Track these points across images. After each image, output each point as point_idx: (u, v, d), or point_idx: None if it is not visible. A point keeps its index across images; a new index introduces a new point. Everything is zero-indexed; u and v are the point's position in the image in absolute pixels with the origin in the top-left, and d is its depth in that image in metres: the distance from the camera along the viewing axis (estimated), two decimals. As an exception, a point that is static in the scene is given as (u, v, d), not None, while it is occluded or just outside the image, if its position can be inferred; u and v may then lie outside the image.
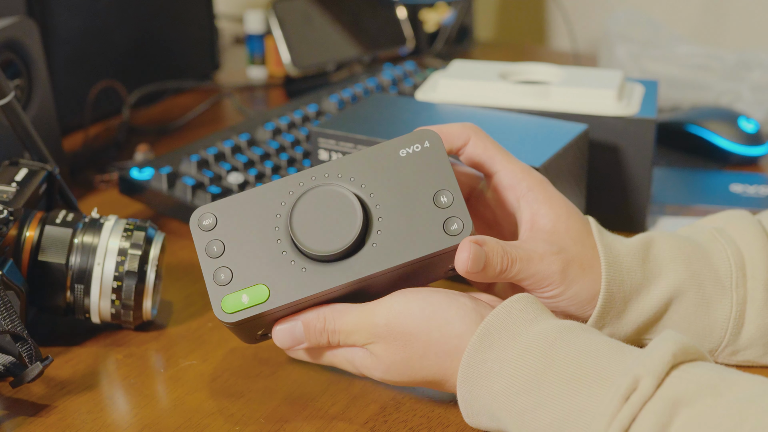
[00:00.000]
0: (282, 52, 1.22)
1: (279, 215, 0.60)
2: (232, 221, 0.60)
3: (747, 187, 0.98)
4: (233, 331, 0.61)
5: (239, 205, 0.61)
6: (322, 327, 0.60)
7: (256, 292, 0.59)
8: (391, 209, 0.59)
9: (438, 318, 0.58)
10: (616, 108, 0.84)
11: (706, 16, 1.52)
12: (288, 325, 0.60)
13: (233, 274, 0.59)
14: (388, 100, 0.89)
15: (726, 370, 0.52)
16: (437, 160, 0.61)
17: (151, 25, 1.24)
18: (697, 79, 1.18)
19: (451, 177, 0.60)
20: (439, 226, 0.59)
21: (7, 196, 0.69)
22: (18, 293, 0.65)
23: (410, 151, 0.61)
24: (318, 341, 0.60)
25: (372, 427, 0.62)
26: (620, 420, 0.50)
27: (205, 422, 0.62)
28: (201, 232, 0.60)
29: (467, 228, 0.59)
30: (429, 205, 0.59)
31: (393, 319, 0.58)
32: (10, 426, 0.62)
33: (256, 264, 0.59)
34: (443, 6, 1.42)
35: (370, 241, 0.59)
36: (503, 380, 0.55)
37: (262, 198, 0.61)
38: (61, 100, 1.06)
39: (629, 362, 0.52)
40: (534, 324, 0.57)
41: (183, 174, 0.91)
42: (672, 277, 0.64)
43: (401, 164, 0.60)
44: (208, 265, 0.60)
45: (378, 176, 0.60)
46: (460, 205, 0.60)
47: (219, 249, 0.60)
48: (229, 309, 0.59)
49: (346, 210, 0.59)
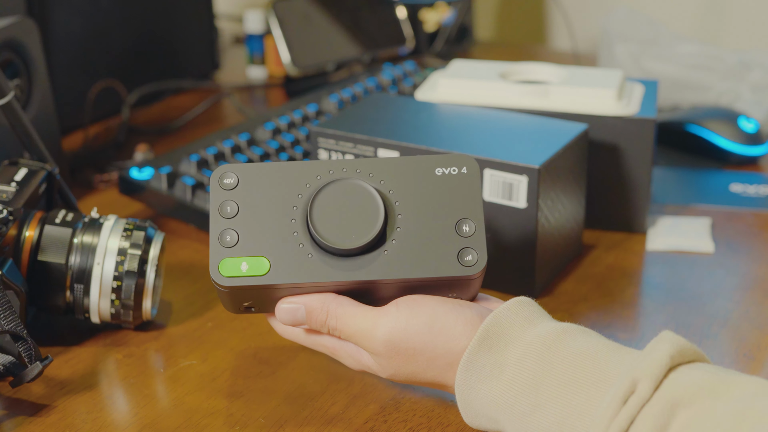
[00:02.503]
0: (282, 52, 1.22)
1: (300, 196, 0.59)
2: (252, 188, 0.59)
3: (747, 186, 0.98)
4: (221, 295, 0.60)
5: (264, 174, 0.60)
6: (323, 320, 0.60)
7: (257, 263, 0.58)
8: (412, 222, 0.59)
9: (444, 334, 0.58)
10: (616, 108, 0.84)
11: (706, 16, 1.52)
12: (291, 306, 0.60)
13: (239, 238, 0.58)
14: (388, 100, 0.89)
15: (723, 371, 0.52)
16: (470, 189, 0.60)
17: (151, 25, 1.24)
18: (697, 79, 1.18)
19: (479, 209, 0.60)
20: (454, 254, 0.58)
21: (6, 196, 0.69)
22: (18, 293, 0.65)
23: (446, 172, 0.60)
24: (319, 329, 0.61)
25: (372, 427, 0.62)
26: (618, 423, 0.50)
27: (205, 422, 0.62)
28: (219, 189, 0.59)
29: (481, 262, 0.58)
30: (450, 230, 0.59)
31: (398, 334, 0.58)
32: (10, 426, 0.62)
33: (265, 236, 0.58)
34: (443, 6, 1.42)
35: (383, 248, 0.58)
36: (502, 384, 0.55)
37: (288, 174, 0.60)
38: (61, 100, 1.06)
39: (626, 364, 0.52)
40: (531, 327, 0.57)
41: (183, 174, 0.91)
42: None
43: (434, 182, 0.60)
44: (217, 223, 0.59)
45: (408, 187, 0.60)
46: (480, 238, 0.59)
47: (232, 210, 0.59)
48: (226, 272, 0.58)
49: (368, 210, 0.58)
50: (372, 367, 0.61)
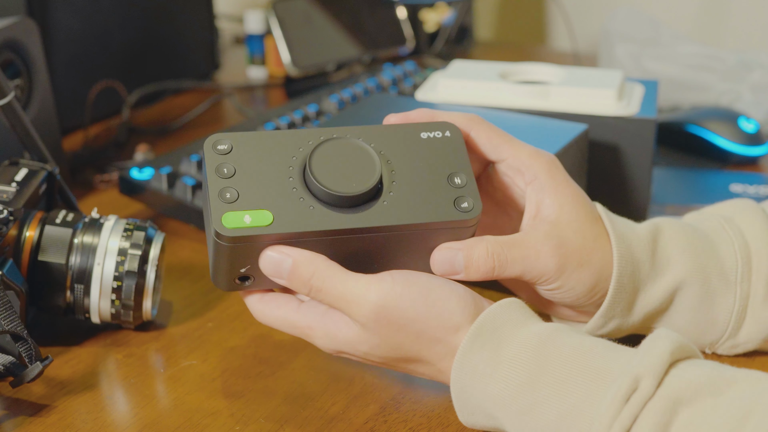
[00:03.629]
0: (282, 52, 1.22)
1: (294, 158, 0.60)
2: (247, 152, 0.60)
3: (747, 187, 0.98)
4: (220, 255, 0.59)
5: (256, 141, 0.60)
6: (307, 278, 0.58)
7: (260, 215, 0.58)
8: (407, 177, 0.60)
9: (438, 306, 0.57)
10: (616, 108, 0.84)
11: (707, 16, 1.52)
12: (279, 256, 0.58)
13: (239, 195, 0.58)
14: (388, 100, 0.89)
15: (723, 368, 0.52)
16: (455, 148, 0.62)
17: (151, 25, 1.24)
18: (697, 79, 1.18)
19: (467, 164, 0.62)
20: (450, 201, 0.60)
21: (7, 196, 0.69)
22: (18, 293, 0.65)
23: (431, 135, 0.62)
24: (298, 288, 0.58)
25: (372, 427, 0.62)
26: (621, 421, 0.50)
27: (205, 422, 0.62)
28: (214, 154, 0.60)
29: (477, 208, 0.60)
30: (443, 182, 0.61)
31: (392, 301, 0.57)
32: (10, 426, 0.62)
33: (265, 192, 0.59)
34: (443, 6, 1.42)
35: (382, 199, 0.59)
36: (497, 382, 0.55)
37: (280, 140, 0.61)
38: (61, 100, 1.06)
39: (624, 361, 0.53)
40: (524, 326, 0.57)
41: (183, 174, 0.91)
42: (679, 269, 0.64)
43: (421, 144, 0.62)
44: (215, 183, 0.59)
45: (397, 148, 0.61)
46: (473, 188, 0.61)
47: (229, 171, 0.59)
48: (230, 224, 0.57)
49: (365, 161, 0.60)
50: (349, 342, 0.59)
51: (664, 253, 0.64)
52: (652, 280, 0.64)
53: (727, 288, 0.64)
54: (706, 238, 0.65)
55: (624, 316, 0.64)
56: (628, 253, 0.63)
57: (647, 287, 0.64)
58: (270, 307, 0.61)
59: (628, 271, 0.63)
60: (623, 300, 0.64)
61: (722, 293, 0.64)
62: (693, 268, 0.64)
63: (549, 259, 0.61)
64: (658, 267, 0.64)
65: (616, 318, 0.64)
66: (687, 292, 0.64)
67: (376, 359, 0.59)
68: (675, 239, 0.65)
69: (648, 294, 0.64)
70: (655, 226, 0.66)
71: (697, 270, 0.64)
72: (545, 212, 0.63)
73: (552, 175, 0.63)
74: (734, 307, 0.64)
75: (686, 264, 0.64)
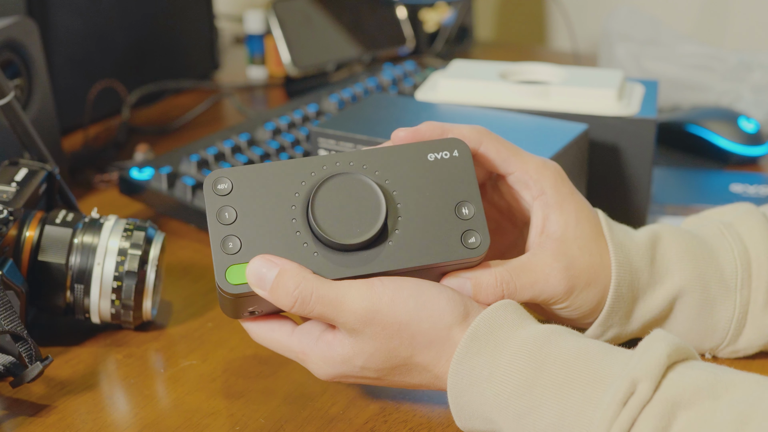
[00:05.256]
0: (282, 52, 1.22)
1: (297, 194, 0.59)
2: (248, 191, 0.58)
3: (747, 187, 0.98)
4: (226, 302, 0.59)
5: (257, 176, 0.59)
6: (292, 288, 0.56)
7: None
8: (412, 211, 0.59)
9: (429, 308, 0.57)
10: (616, 108, 0.84)
11: (707, 16, 1.52)
12: (266, 267, 0.56)
13: (242, 244, 0.57)
14: (388, 100, 0.89)
15: (721, 370, 0.52)
16: (464, 171, 0.60)
17: (151, 25, 1.24)
18: (697, 79, 1.18)
19: (475, 190, 0.60)
20: (458, 237, 0.59)
21: (7, 196, 0.69)
22: (18, 293, 0.65)
23: (438, 156, 0.60)
24: (282, 298, 0.56)
25: (372, 427, 0.62)
26: (620, 425, 0.50)
27: (205, 422, 0.62)
28: (214, 195, 0.58)
29: (484, 244, 0.59)
30: (450, 214, 0.59)
31: (384, 307, 0.56)
32: (10, 426, 0.62)
33: (268, 239, 0.57)
34: (443, 6, 1.42)
35: (387, 239, 0.58)
36: (494, 385, 0.55)
37: (281, 173, 0.59)
38: (61, 100, 1.06)
39: (621, 364, 0.52)
40: (520, 329, 0.57)
41: (183, 174, 0.91)
42: (678, 277, 0.64)
43: (428, 168, 0.60)
44: (217, 230, 0.58)
45: (403, 175, 0.60)
46: (481, 219, 0.59)
47: (231, 216, 0.58)
48: (234, 280, 0.57)
49: (369, 203, 0.58)
50: (345, 359, 0.58)
51: (663, 261, 0.64)
52: (651, 288, 0.64)
53: (727, 295, 0.64)
54: (705, 245, 0.65)
55: (622, 324, 0.64)
56: (627, 262, 0.63)
57: (646, 296, 0.64)
58: (264, 330, 0.61)
59: (627, 280, 0.63)
60: (621, 309, 0.63)
61: (722, 300, 0.64)
62: (692, 275, 0.64)
63: (558, 283, 0.61)
64: (657, 275, 0.64)
65: (615, 327, 0.64)
66: (686, 299, 0.64)
67: (372, 373, 0.59)
68: (674, 247, 0.64)
69: (647, 303, 0.64)
70: (653, 233, 0.65)
71: (696, 277, 0.64)
72: (551, 228, 0.63)
73: (558, 189, 0.63)
74: (734, 314, 0.64)
75: (685, 272, 0.64)
